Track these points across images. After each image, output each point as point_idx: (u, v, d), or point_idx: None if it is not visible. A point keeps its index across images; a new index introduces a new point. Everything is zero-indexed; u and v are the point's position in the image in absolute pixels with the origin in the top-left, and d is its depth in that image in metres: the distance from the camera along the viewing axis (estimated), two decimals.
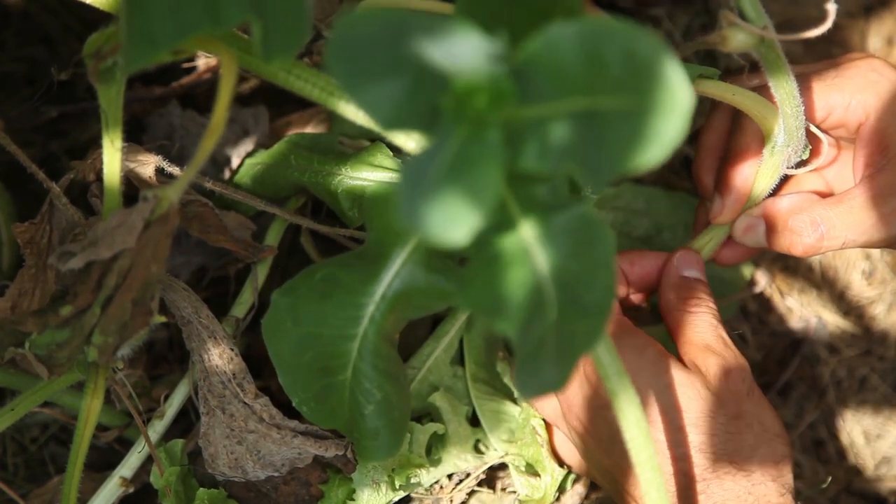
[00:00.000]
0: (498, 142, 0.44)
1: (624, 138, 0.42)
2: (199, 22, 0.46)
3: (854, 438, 0.93)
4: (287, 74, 0.56)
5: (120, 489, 0.72)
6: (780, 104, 0.64)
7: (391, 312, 0.62)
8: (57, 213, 0.69)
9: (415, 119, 0.43)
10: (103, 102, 0.56)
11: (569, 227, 0.47)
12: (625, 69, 0.41)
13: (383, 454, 0.67)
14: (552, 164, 0.44)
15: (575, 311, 0.46)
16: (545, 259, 0.47)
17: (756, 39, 0.57)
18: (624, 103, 0.42)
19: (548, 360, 0.46)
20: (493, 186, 0.43)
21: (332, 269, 0.63)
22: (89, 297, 0.58)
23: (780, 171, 0.69)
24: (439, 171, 0.42)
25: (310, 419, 0.67)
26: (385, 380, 0.64)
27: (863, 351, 0.94)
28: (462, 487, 0.80)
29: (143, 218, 0.56)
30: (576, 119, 0.43)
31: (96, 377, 0.67)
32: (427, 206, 0.41)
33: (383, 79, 0.42)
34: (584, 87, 0.42)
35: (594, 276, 0.46)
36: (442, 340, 0.79)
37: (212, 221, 0.72)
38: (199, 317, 0.71)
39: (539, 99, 0.44)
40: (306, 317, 0.64)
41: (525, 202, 0.48)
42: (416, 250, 0.60)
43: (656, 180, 0.92)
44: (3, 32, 0.88)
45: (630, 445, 0.55)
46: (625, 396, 0.54)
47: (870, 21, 0.95)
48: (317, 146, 0.75)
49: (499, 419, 0.79)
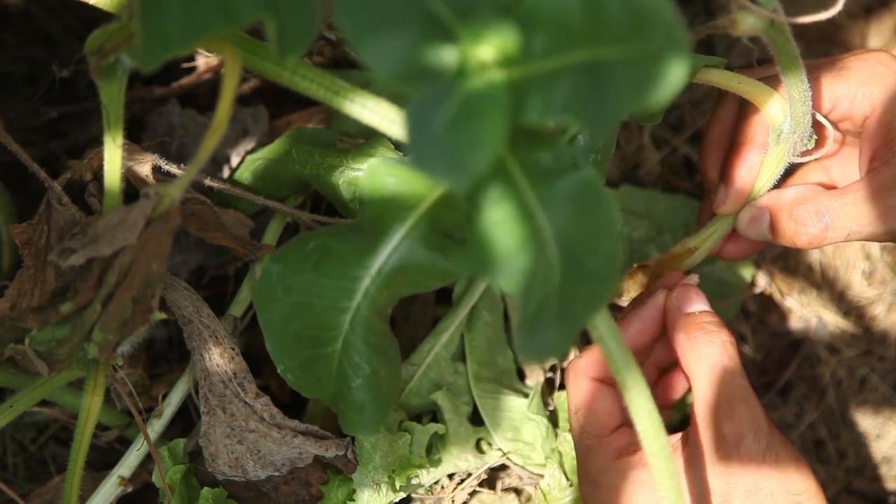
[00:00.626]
0: (502, 94, 0.44)
1: (627, 86, 0.42)
2: (212, 22, 0.47)
3: (854, 438, 0.93)
4: (292, 74, 0.56)
5: (118, 488, 0.72)
6: (788, 88, 0.64)
7: (386, 287, 0.62)
8: (55, 213, 0.69)
9: (421, 72, 0.44)
10: (105, 99, 0.56)
11: (572, 193, 0.47)
12: (624, 17, 0.42)
13: (368, 428, 0.67)
14: (556, 116, 0.44)
15: (578, 276, 0.46)
16: (548, 223, 0.47)
17: (766, 22, 0.57)
18: (625, 52, 0.42)
19: (549, 324, 0.46)
20: (496, 137, 0.43)
21: (324, 239, 0.63)
22: (90, 293, 0.58)
23: (786, 159, 0.68)
24: (444, 120, 0.43)
25: (294, 387, 0.67)
26: (375, 354, 0.64)
27: (863, 351, 0.94)
28: (463, 487, 0.80)
29: (145, 215, 0.56)
30: (579, 70, 0.44)
31: (96, 374, 0.67)
32: (434, 150, 0.43)
33: (390, 31, 0.43)
34: (586, 37, 0.43)
35: (597, 241, 0.46)
36: (442, 337, 0.79)
37: (210, 219, 0.72)
38: (200, 316, 0.71)
39: (543, 51, 0.44)
40: (298, 286, 0.64)
41: (529, 167, 0.48)
42: (415, 226, 0.60)
43: (656, 180, 0.92)
44: (3, 32, 0.88)
45: (642, 437, 0.55)
46: (636, 389, 0.54)
47: (870, 21, 0.95)
48: (318, 141, 0.75)
49: (502, 416, 0.79)
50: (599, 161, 0.67)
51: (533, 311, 0.47)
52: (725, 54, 0.92)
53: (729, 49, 0.92)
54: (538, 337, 0.46)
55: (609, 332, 0.54)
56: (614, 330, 0.55)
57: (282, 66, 0.56)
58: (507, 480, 0.83)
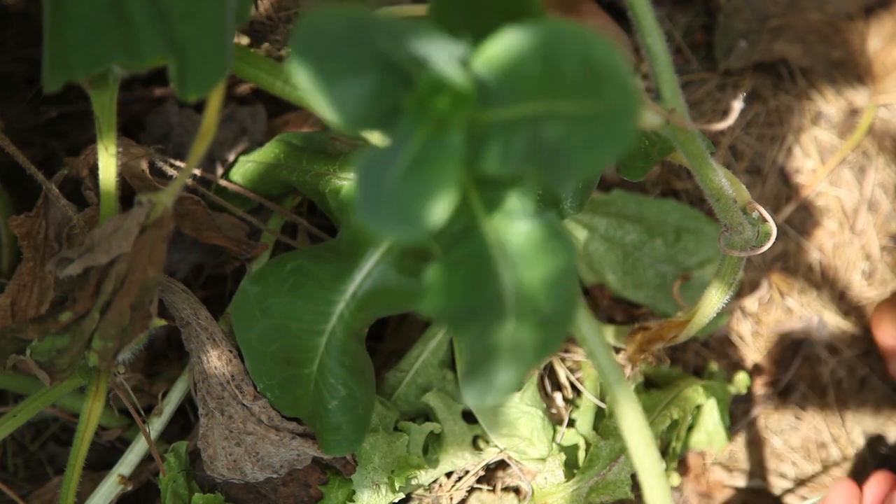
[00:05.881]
0: (459, 143, 0.44)
1: (581, 141, 0.42)
2: (113, 55, 0.47)
3: (854, 438, 0.93)
4: (284, 84, 0.56)
5: (118, 487, 0.73)
6: (703, 187, 0.62)
7: (361, 311, 0.62)
8: (52, 208, 0.69)
9: (379, 118, 0.44)
10: (97, 109, 0.56)
11: (532, 236, 0.47)
12: (581, 73, 0.42)
13: (344, 449, 0.68)
14: (514, 167, 0.44)
15: (534, 320, 0.45)
16: (507, 266, 0.46)
17: (662, 120, 0.55)
18: (580, 107, 0.42)
19: (500, 367, 0.45)
20: (452, 188, 0.43)
21: (302, 261, 0.63)
22: (88, 302, 0.58)
23: (736, 258, 0.66)
24: (399, 170, 0.42)
25: (273, 405, 0.68)
26: (350, 376, 0.65)
27: (863, 351, 0.94)
28: (461, 485, 0.80)
29: (139, 223, 0.56)
30: (535, 122, 0.43)
31: (97, 382, 0.67)
32: (385, 204, 0.42)
33: (348, 78, 0.43)
34: (542, 90, 0.43)
35: (557, 286, 0.46)
36: (430, 343, 0.79)
37: (203, 219, 0.72)
38: (198, 318, 0.71)
39: (500, 101, 0.44)
40: (275, 308, 0.64)
41: (491, 208, 0.48)
42: (389, 251, 0.61)
43: (657, 182, 0.92)
44: (3, 32, 0.87)
45: (633, 453, 0.55)
46: (627, 405, 0.54)
47: (870, 22, 0.94)
48: (309, 145, 0.75)
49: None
50: (581, 190, 0.67)
51: (482, 356, 0.46)
52: (724, 56, 0.91)
53: (728, 52, 0.91)
54: (486, 381, 0.45)
55: (600, 347, 0.54)
56: (604, 345, 0.55)
57: (274, 75, 0.56)
58: (505, 479, 0.83)
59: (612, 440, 0.79)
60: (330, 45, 0.42)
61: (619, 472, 0.77)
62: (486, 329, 0.46)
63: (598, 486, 0.77)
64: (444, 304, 0.46)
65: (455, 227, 0.47)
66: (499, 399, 0.46)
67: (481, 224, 0.47)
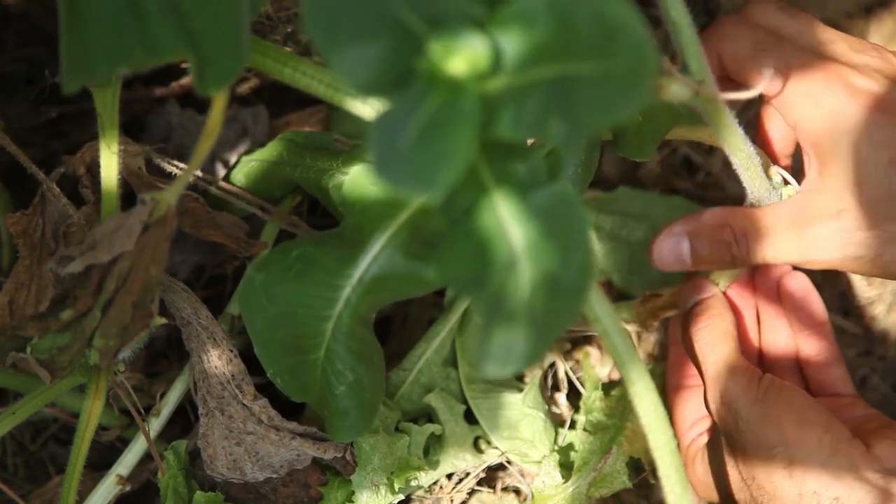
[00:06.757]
0: (472, 107, 0.43)
1: (595, 102, 0.42)
2: (132, 53, 0.47)
3: None
4: (293, 71, 0.56)
5: (116, 487, 0.72)
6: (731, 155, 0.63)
7: (367, 296, 0.62)
8: (49, 206, 0.70)
9: (391, 83, 0.44)
10: (99, 106, 0.56)
11: (545, 206, 0.47)
12: (595, 33, 0.42)
13: (352, 434, 0.68)
14: (527, 130, 0.44)
15: (550, 290, 0.45)
16: (520, 235, 0.46)
17: (692, 92, 0.56)
18: (594, 68, 0.42)
19: (517, 338, 0.45)
20: (466, 150, 0.43)
21: (307, 248, 0.63)
22: (89, 300, 0.58)
23: None
24: (413, 133, 0.42)
25: (282, 390, 0.68)
26: (358, 362, 0.65)
27: (863, 351, 0.93)
28: (462, 487, 0.80)
29: (142, 221, 0.56)
30: (549, 85, 0.43)
31: (98, 380, 0.67)
32: (401, 164, 0.42)
33: (361, 42, 0.43)
34: (556, 52, 0.43)
35: (570, 255, 0.46)
36: (433, 342, 0.79)
37: (203, 217, 0.72)
38: (199, 318, 0.71)
39: (514, 65, 0.44)
40: (281, 295, 0.64)
41: (503, 179, 0.48)
42: (395, 235, 0.60)
43: (657, 181, 0.92)
44: (3, 32, 0.87)
45: (647, 430, 0.55)
46: (640, 383, 0.54)
47: (870, 21, 0.94)
48: (311, 144, 0.76)
49: (498, 415, 0.79)
50: (580, 174, 0.67)
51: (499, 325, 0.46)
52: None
53: None
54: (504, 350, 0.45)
55: (613, 327, 0.54)
56: (618, 324, 0.54)
57: (282, 62, 0.56)
58: (506, 480, 0.84)
59: (599, 434, 0.79)
60: (343, 8, 0.42)
61: (614, 464, 0.77)
62: (500, 299, 0.46)
63: (596, 480, 0.78)
64: (456, 270, 0.46)
65: (464, 200, 0.47)
66: (520, 368, 0.46)
67: (493, 196, 0.47)
